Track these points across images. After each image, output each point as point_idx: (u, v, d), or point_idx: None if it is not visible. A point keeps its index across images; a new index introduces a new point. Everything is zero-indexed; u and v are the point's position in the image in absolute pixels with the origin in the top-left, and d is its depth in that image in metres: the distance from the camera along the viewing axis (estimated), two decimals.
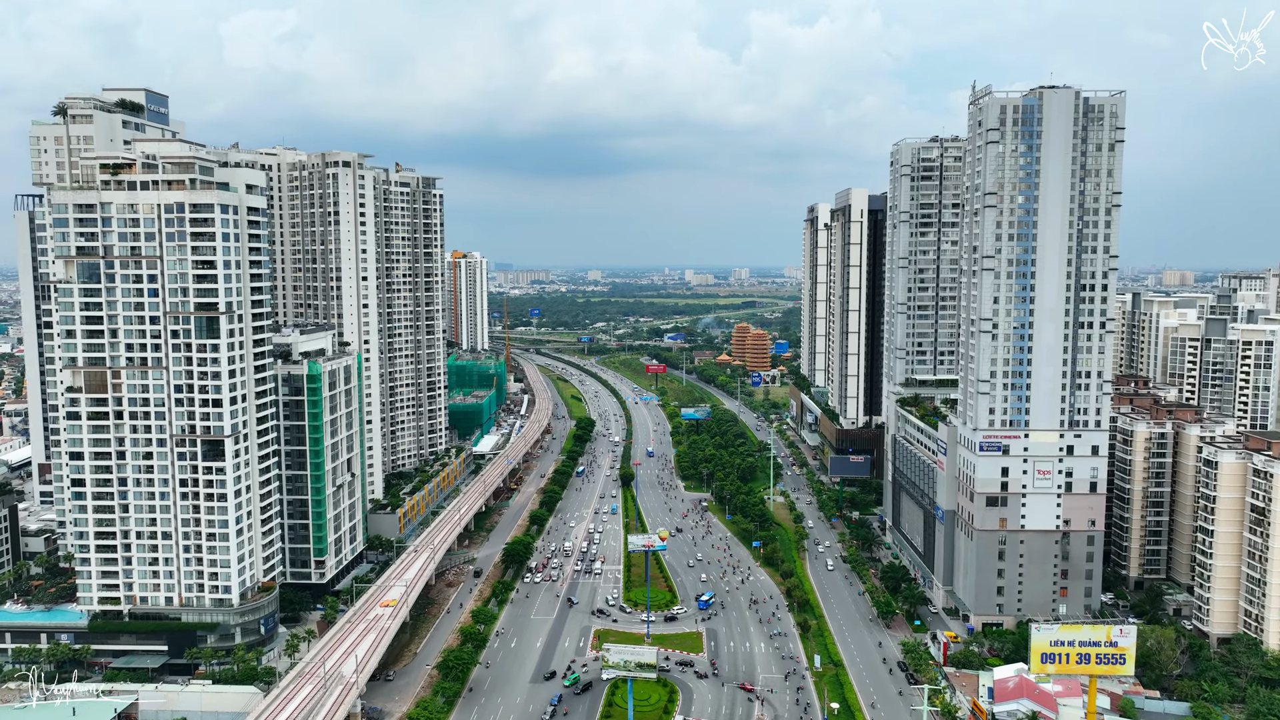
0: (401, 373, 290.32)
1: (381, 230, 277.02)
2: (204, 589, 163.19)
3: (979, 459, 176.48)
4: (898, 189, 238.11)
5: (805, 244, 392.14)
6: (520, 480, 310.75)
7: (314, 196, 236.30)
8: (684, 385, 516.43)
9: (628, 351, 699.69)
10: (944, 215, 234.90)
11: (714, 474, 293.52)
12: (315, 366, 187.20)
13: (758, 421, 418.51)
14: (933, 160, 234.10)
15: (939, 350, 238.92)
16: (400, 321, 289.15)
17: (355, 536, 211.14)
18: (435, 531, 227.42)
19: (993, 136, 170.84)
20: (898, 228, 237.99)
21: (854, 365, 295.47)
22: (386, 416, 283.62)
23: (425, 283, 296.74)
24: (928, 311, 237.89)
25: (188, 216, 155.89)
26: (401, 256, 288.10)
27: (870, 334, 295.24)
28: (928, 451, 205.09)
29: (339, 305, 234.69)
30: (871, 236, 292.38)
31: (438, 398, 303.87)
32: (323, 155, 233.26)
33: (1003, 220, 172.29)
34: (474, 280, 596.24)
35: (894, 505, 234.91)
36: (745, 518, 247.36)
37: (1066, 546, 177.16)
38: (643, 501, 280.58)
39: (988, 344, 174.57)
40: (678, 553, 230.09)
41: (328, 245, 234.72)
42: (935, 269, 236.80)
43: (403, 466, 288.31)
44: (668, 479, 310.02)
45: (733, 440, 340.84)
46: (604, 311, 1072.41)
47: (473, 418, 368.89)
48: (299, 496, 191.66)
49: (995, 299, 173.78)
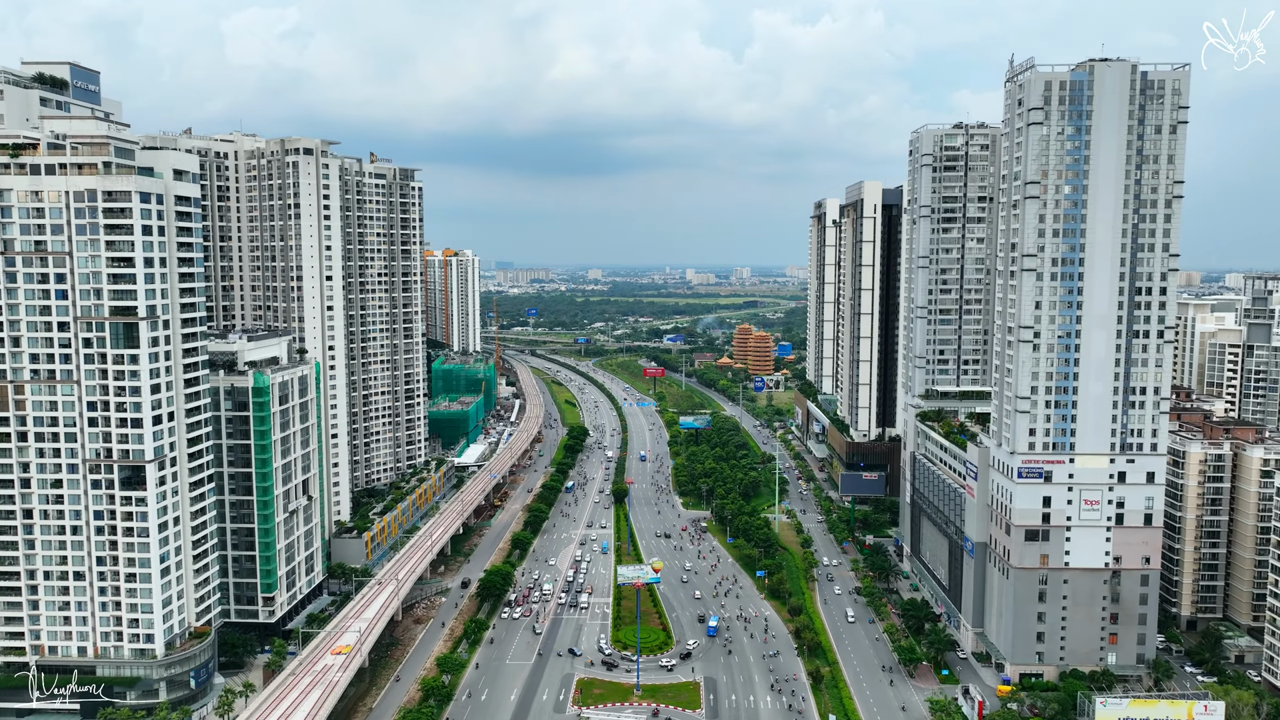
0: (376, 380, 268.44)
1: (356, 225, 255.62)
2: (123, 637, 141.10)
3: (1016, 487, 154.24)
4: (917, 181, 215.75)
5: (812, 242, 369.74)
6: (505, 496, 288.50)
7: (273, 188, 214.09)
8: (683, 390, 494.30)
9: (626, 353, 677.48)
10: (969, 210, 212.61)
11: (714, 490, 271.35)
12: (262, 378, 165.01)
13: (760, 430, 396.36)
14: (957, 149, 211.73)
15: (962, 359, 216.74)
16: (374, 324, 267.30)
17: (313, 566, 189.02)
18: (405, 558, 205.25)
19: (1035, 117, 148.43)
20: (917, 223, 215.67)
21: (866, 373, 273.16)
22: (359, 428, 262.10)
23: (403, 282, 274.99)
24: (950, 316, 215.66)
25: (101, 206, 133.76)
26: (376, 254, 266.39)
27: (884, 339, 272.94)
28: (954, 474, 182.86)
29: (300, 307, 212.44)
30: (886, 233, 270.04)
31: (416, 406, 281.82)
32: (281, 142, 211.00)
33: (1046, 214, 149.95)
34: (466, 279, 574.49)
35: (913, 529, 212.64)
36: (748, 541, 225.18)
37: (1117, 587, 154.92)
38: (637, 521, 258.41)
39: (1028, 355, 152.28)
40: (673, 581, 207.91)
41: (288, 241, 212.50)
42: (959, 269, 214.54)
43: (377, 482, 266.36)
44: (664, 495, 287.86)
45: (734, 452, 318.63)
46: (603, 311, 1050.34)
47: (458, 426, 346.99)
48: (245, 525, 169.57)
49: (1037, 304, 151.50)
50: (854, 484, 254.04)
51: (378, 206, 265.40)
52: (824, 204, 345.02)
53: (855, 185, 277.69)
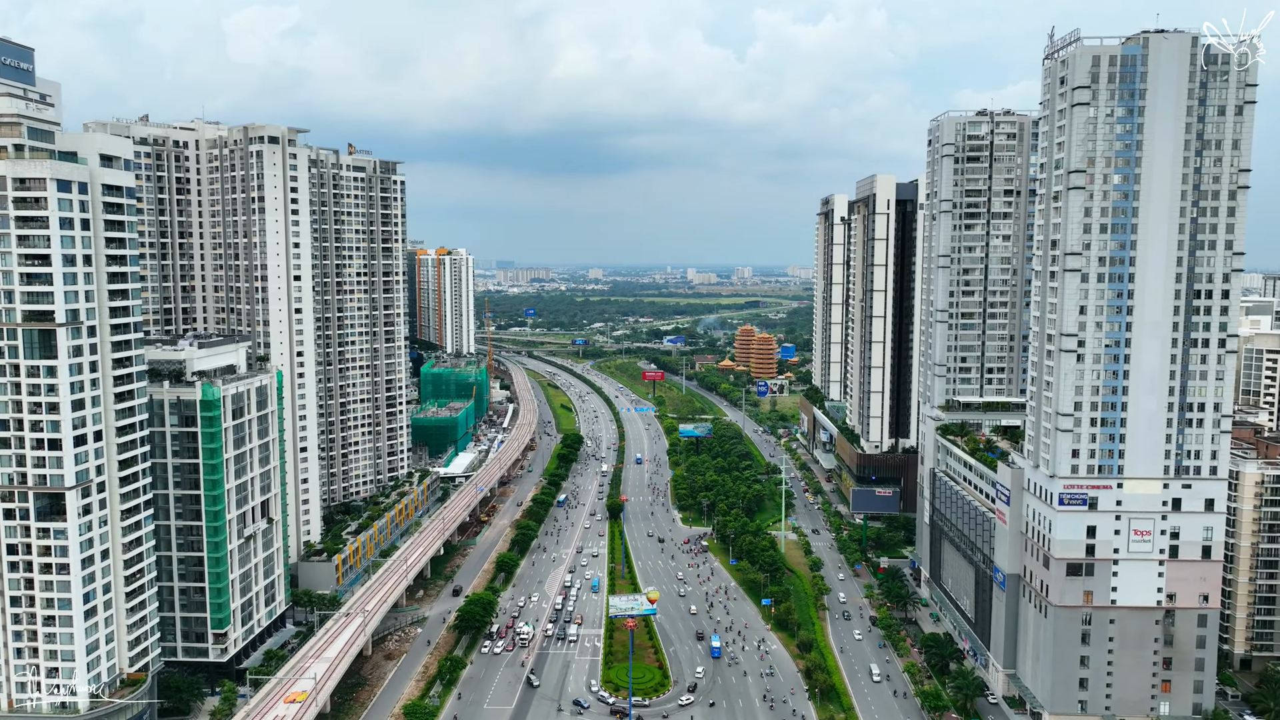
0: (354, 387, 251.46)
1: (332, 221, 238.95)
2: (40, 689, 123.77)
3: (1057, 514, 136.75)
4: (938, 173, 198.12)
5: (819, 240, 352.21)
6: (493, 510, 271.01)
7: (235, 180, 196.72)
8: (683, 394, 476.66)
9: (625, 355, 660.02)
10: (994, 204, 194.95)
11: (715, 504, 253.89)
12: (211, 390, 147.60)
13: (764, 437, 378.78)
14: (981, 138, 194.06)
15: (986, 367, 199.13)
16: (353, 327, 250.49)
17: (274, 596, 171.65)
18: (379, 584, 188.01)
19: (1080, 97, 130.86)
20: (937, 219, 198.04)
21: (878, 380, 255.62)
22: (336, 438, 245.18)
23: (384, 282, 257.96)
24: (973, 320, 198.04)
25: (10, 195, 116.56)
26: (354, 252, 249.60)
27: (898, 344, 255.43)
28: (981, 497, 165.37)
29: (265, 310, 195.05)
30: (900, 230, 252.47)
31: (398, 414, 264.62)
32: (244, 129, 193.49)
33: (1093, 206, 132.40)
34: (459, 279, 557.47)
35: (932, 552, 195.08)
36: (752, 564, 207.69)
37: (1170, 628, 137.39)
38: (632, 539, 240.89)
39: (1071, 367, 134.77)
40: (671, 610, 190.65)
41: (251, 238, 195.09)
42: (983, 269, 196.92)
43: (355, 496, 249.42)
44: (662, 508, 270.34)
45: (737, 462, 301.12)
46: (603, 311, 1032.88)
47: (445, 434, 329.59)
48: (193, 554, 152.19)
49: (1081, 309, 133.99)
50: (866, 501, 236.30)
51: (356, 201, 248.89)
52: (831, 200, 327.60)
53: (867, 179, 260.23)
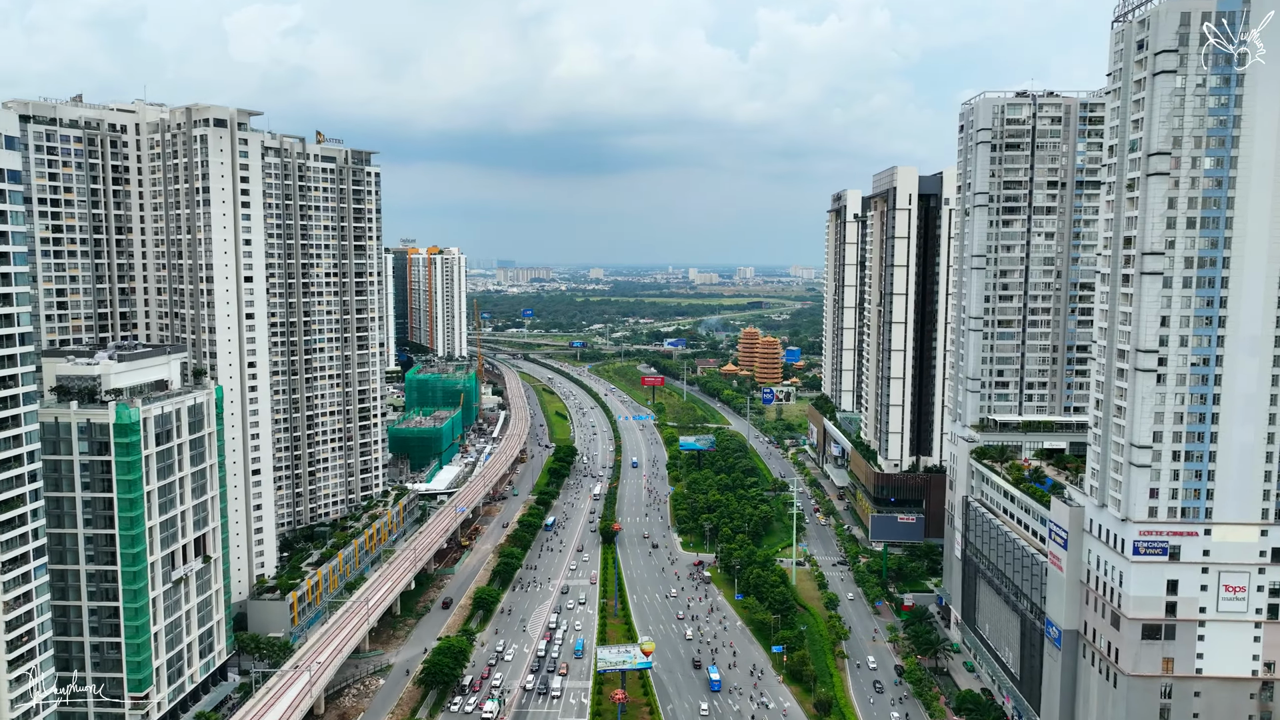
0: (323, 399, 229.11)
1: (298, 217, 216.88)
2: None
3: (1130, 565, 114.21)
4: (972, 162, 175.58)
5: (829, 239, 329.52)
6: (476, 533, 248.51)
7: (178, 168, 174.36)
8: (684, 401, 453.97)
9: (624, 357, 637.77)
10: (1035, 198, 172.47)
11: (719, 528, 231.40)
12: (127, 411, 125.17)
13: (769, 448, 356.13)
14: (1021, 122, 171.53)
15: (1026, 381, 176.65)
16: (321, 333, 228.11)
17: (212, 645, 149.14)
18: (338, 627, 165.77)
19: (1165, 64, 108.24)
20: (971, 215, 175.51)
21: (897, 392, 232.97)
22: (302, 455, 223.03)
23: (356, 284, 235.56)
24: (1012, 329, 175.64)
25: None
26: (323, 251, 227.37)
27: (919, 353, 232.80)
28: (1029, 535, 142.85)
29: (209, 316, 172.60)
30: (923, 228, 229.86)
31: (373, 428, 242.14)
32: (187, 110, 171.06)
33: (1179, 196, 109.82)
34: (451, 279, 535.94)
35: (965, 591, 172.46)
36: (760, 601, 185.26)
37: (1269, 703, 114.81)
38: (628, 568, 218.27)
39: (1149, 390, 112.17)
40: (669, 655, 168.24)
41: (195, 234, 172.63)
42: (1023, 271, 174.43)
43: (324, 518, 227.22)
44: (660, 532, 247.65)
45: (742, 478, 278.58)
46: (603, 312, 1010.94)
47: (429, 445, 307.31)
48: (108, 603, 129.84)
49: (1163, 320, 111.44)
50: (887, 528, 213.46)
51: (325, 195, 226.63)
52: (844, 196, 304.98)
53: (886, 172, 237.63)
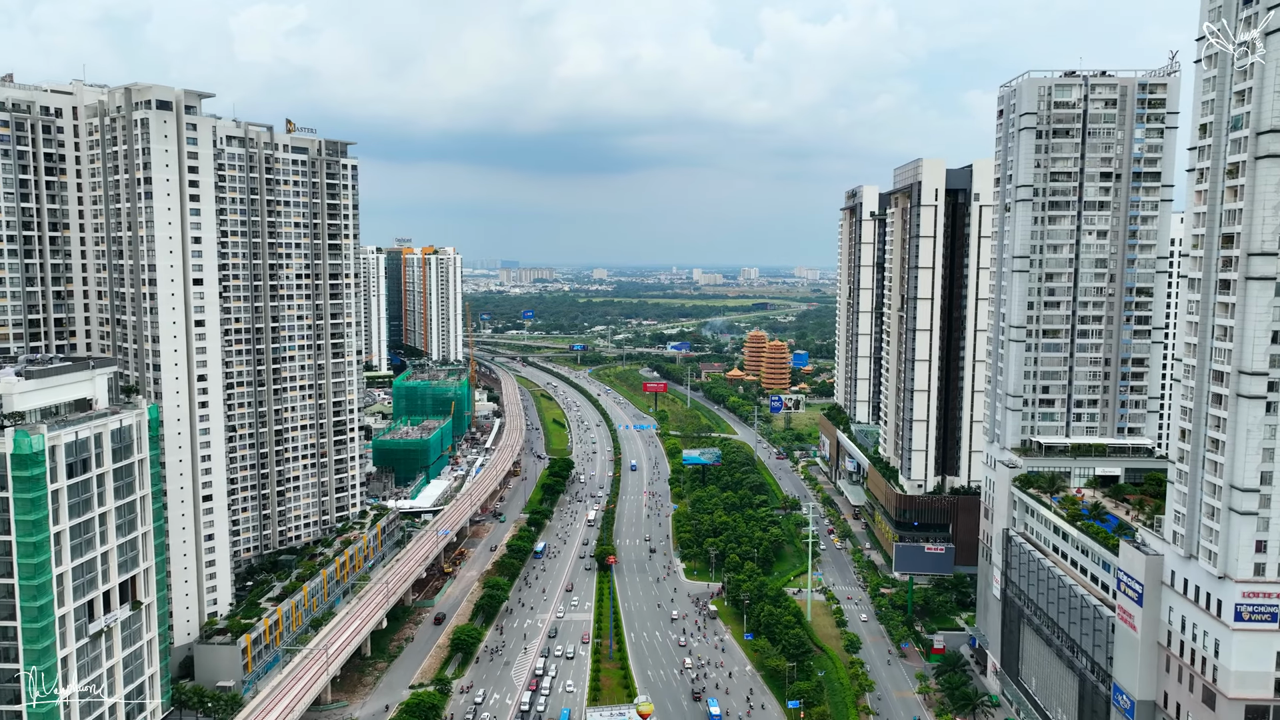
0: (293, 412, 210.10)
1: (265, 213, 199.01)
2: None
3: (1231, 633, 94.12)
4: (1013, 151, 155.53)
5: (843, 238, 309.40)
6: (461, 557, 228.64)
7: (117, 156, 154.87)
8: (688, 408, 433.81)
9: (626, 361, 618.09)
10: (1087, 191, 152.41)
11: (725, 553, 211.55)
12: (28, 440, 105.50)
13: (778, 460, 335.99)
14: (1071, 105, 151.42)
15: (1074, 399, 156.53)
16: (291, 340, 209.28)
17: (144, 706, 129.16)
18: (296, 676, 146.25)
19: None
20: (1013, 211, 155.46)
21: (921, 406, 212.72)
22: (270, 473, 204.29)
23: (330, 287, 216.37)
24: (1059, 339, 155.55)
25: None
26: (293, 250, 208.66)
27: (945, 363, 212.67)
28: (1089, 583, 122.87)
29: (152, 323, 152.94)
30: (950, 226, 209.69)
31: (349, 442, 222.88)
32: (126, 91, 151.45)
33: None
34: (447, 280, 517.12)
35: (1006, 637, 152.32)
36: (773, 643, 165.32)
37: None
38: (625, 601, 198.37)
39: (1256, 420, 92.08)
40: (669, 707, 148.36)
41: (136, 231, 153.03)
42: (1071, 274, 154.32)
43: (294, 541, 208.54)
44: (662, 557, 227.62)
45: (750, 496, 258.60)
46: (605, 313, 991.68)
47: (415, 458, 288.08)
48: (8, 665, 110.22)
49: (1275, 335, 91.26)
50: (913, 559, 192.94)
51: (295, 189, 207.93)
52: (859, 193, 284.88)
53: (909, 165, 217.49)
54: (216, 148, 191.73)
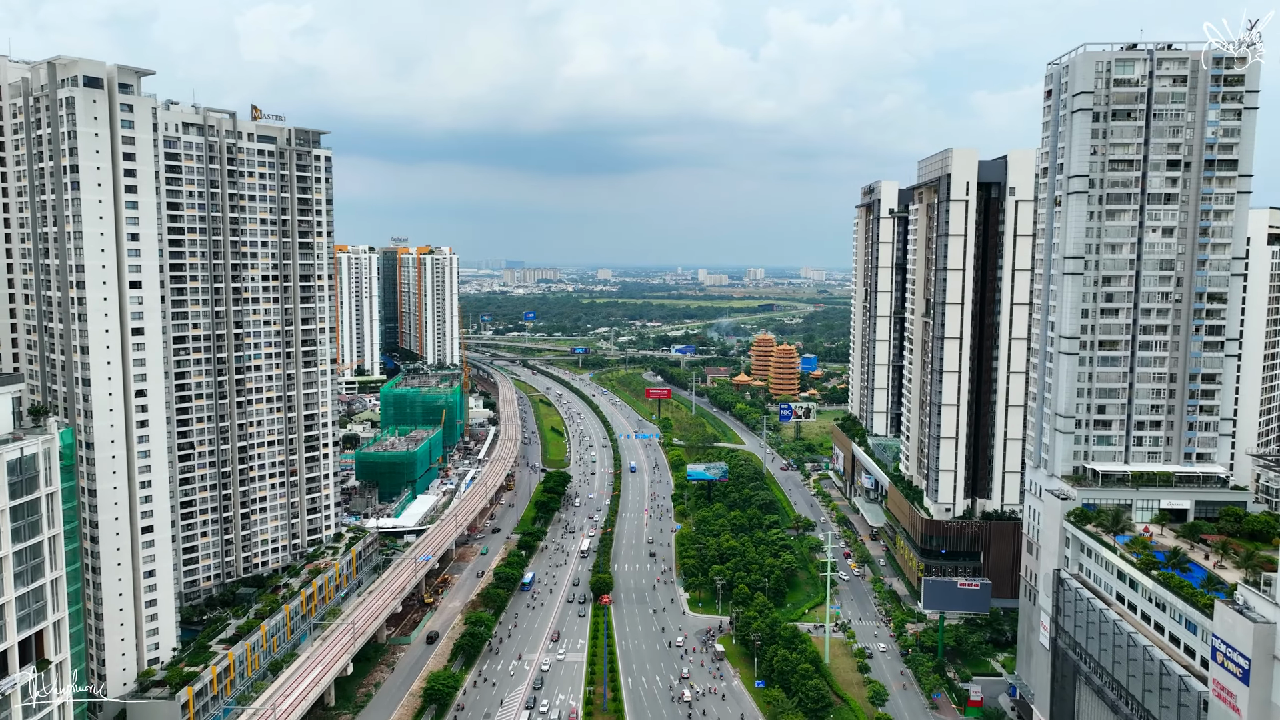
0: (259, 427, 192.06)
1: (226, 209, 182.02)
2: None
3: None
4: (1065, 137, 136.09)
5: (859, 237, 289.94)
6: (444, 585, 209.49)
7: (42, 142, 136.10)
8: (692, 416, 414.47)
9: (629, 364, 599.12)
10: (1151, 183, 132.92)
11: (733, 582, 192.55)
12: None
13: (787, 472, 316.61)
14: (1134, 83, 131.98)
15: (1135, 420, 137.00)
16: (257, 348, 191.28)
17: None
18: None
19: None
20: (1064, 205, 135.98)
21: (950, 421, 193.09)
22: (233, 494, 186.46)
23: (301, 289, 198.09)
24: (1117, 351, 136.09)
25: None
26: (259, 249, 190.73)
27: (977, 375, 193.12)
28: (1171, 646, 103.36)
29: (80, 331, 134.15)
30: (983, 224, 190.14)
31: (322, 459, 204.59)
32: (50, 66, 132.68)
33: None
34: (443, 281, 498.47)
35: (1059, 695, 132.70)
36: (788, 694, 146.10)
37: None
38: (624, 637, 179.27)
39: None
40: None
41: (64, 228, 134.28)
42: (1132, 277, 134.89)
43: (261, 568, 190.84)
44: (664, 585, 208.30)
45: (759, 516, 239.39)
46: (609, 314, 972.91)
47: (401, 472, 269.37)
48: None
49: None
50: (944, 596, 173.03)
51: (262, 183, 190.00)
52: (877, 188, 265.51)
53: (937, 157, 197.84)
54: (170, 134, 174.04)
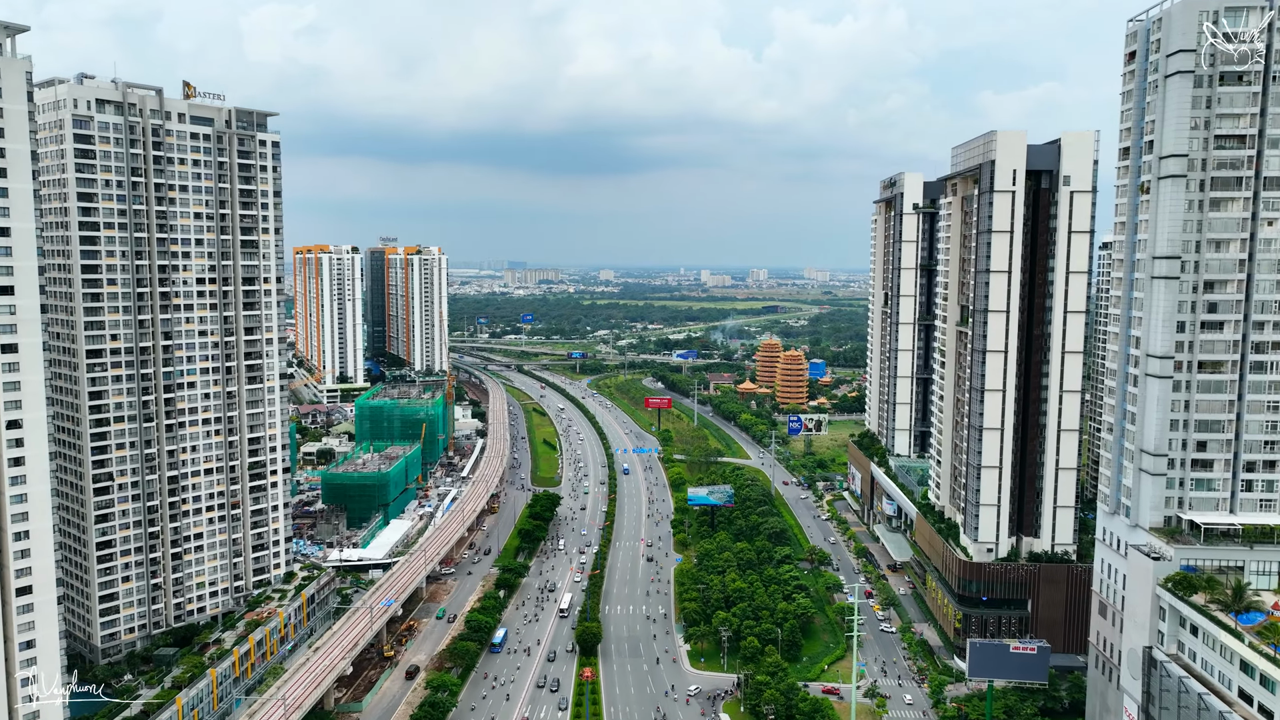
0: (193, 454, 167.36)
1: (152, 200, 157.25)
2: None
3: None
4: (1155, 107, 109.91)
5: (877, 235, 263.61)
6: (409, 633, 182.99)
7: None
8: (694, 427, 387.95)
9: (629, 369, 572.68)
10: (1269, 163, 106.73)
11: (740, 633, 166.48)
12: None
13: (799, 492, 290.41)
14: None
15: (1243, 461, 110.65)
16: (191, 362, 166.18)
17: None
18: None
19: None
20: (1153, 192, 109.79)
21: (992, 448, 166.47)
22: (161, 531, 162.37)
23: (244, 294, 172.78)
24: (1223, 374, 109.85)
25: None
26: (193, 248, 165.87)
27: (1024, 394, 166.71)
28: None
29: None
30: (1032, 219, 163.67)
31: (269, 489, 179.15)
32: None
33: None
34: (431, 282, 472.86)
35: None
36: None
37: None
38: (613, 702, 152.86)
39: None
40: None
41: None
42: (1243, 280, 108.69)
43: (198, 615, 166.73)
44: (662, 637, 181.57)
45: (769, 548, 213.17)
46: (609, 316, 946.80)
47: (371, 495, 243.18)
48: None
49: None
50: (994, 662, 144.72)
51: (196, 171, 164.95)
52: (899, 181, 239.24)
53: (976, 142, 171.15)
54: (81, 113, 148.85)
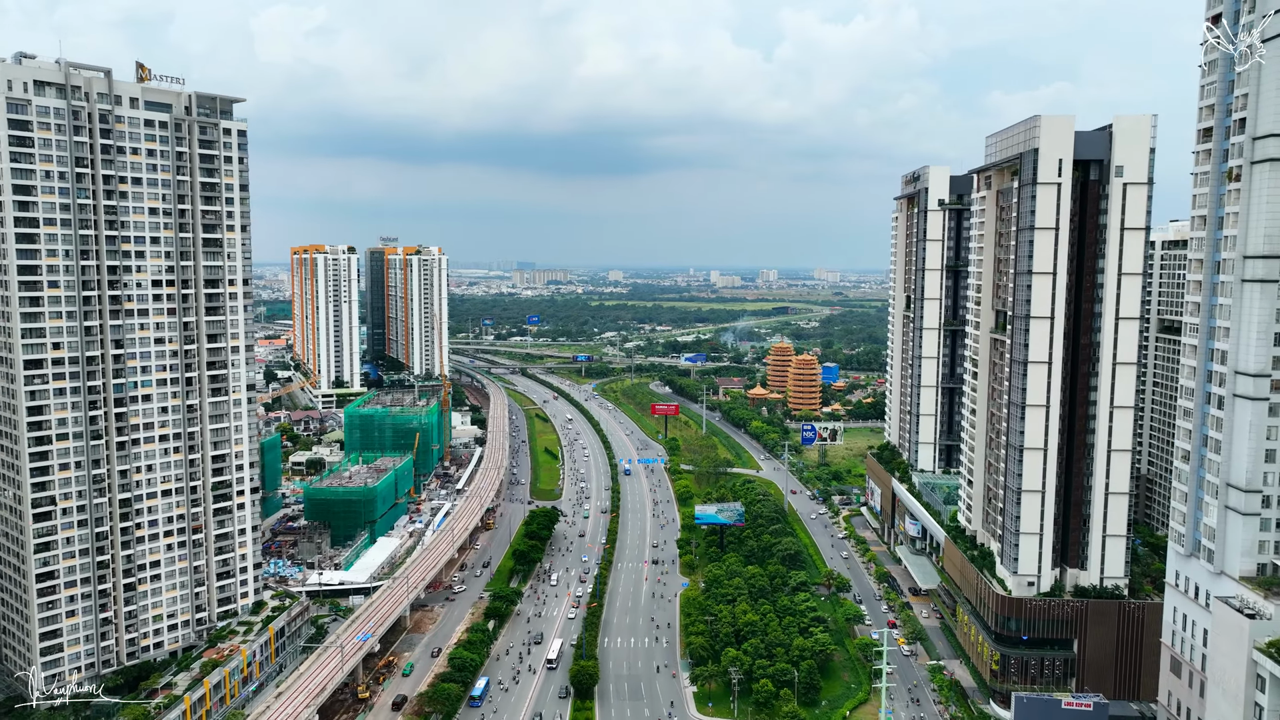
0: (149, 474, 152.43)
1: (101, 194, 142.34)
2: None
3: None
4: (1248, 78, 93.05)
5: (899, 234, 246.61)
6: (389, 669, 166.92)
7: None
8: (703, 435, 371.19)
9: (636, 373, 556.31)
10: None
11: (753, 674, 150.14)
12: None
13: (813, 505, 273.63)
14: None
15: None
16: (144, 373, 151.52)
17: None
18: None
19: None
20: (1246, 178, 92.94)
21: (1034, 470, 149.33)
22: (112, 560, 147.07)
23: (206, 298, 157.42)
24: None
25: None
26: (148, 249, 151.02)
27: (1069, 412, 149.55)
28: None
29: None
30: (1080, 215, 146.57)
31: (235, 511, 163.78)
32: None
33: None
34: (431, 283, 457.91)
35: None
36: None
37: None
38: None
39: None
40: None
41: None
42: None
43: (155, 651, 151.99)
44: (666, 677, 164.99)
45: (783, 572, 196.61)
46: (618, 318, 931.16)
47: (357, 512, 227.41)
48: None
49: None
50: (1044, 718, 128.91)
51: (151, 162, 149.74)
52: (923, 175, 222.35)
53: (1017, 129, 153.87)
54: (18, 96, 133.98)
